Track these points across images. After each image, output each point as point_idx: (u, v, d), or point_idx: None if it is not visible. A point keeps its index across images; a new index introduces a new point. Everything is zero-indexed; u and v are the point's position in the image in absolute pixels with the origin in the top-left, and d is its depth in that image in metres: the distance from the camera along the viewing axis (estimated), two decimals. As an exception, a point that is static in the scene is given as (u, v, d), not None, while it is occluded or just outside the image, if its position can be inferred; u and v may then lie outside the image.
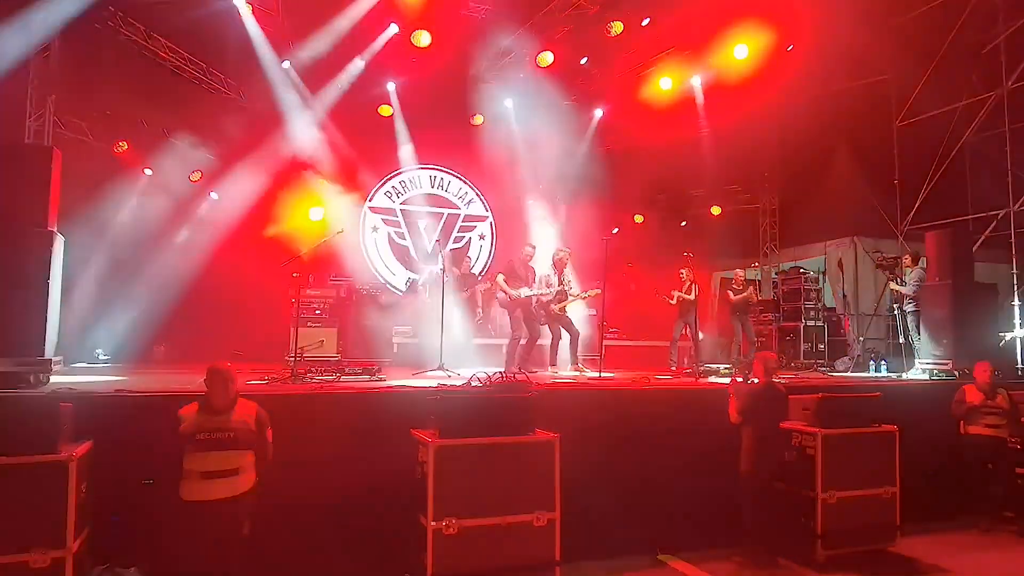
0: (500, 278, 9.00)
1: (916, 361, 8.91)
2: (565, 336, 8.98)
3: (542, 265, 9.30)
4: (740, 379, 5.95)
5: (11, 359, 5.03)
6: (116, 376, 7.22)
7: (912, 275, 9.53)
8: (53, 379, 5.44)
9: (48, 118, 9.14)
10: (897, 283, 10.00)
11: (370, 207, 13.76)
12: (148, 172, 11.25)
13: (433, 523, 4.48)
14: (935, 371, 8.39)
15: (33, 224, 5.35)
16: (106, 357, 9.63)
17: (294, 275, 8.41)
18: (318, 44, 10.56)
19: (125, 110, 10.58)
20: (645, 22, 10.55)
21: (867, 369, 10.25)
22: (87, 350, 9.56)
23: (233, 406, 4.26)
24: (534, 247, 9.35)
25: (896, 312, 10.03)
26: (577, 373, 8.64)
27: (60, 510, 3.85)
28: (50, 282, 5.30)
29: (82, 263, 10.05)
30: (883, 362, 10.26)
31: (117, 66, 10.13)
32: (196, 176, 11.83)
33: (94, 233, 10.31)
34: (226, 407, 4.23)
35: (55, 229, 5.53)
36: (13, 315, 5.10)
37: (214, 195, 11.98)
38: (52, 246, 5.40)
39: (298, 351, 8.13)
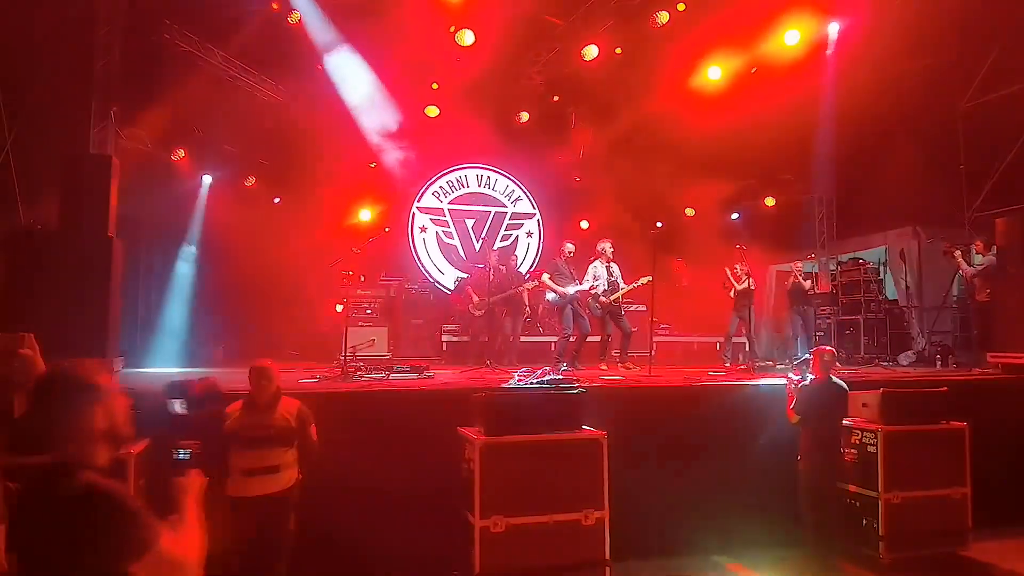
0: (546, 277, 9.00)
1: (987, 355, 8.45)
2: (616, 333, 8.90)
3: (583, 261, 9.27)
4: (798, 376, 5.74)
5: (76, 360, 5.23)
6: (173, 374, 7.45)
7: (982, 260, 9.06)
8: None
9: (110, 128, 9.50)
10: (965, 264, 9.51)
11: (418, 207, 13.87)
12: (207, 179, 11.60)
13: (480, 521, 4.47)
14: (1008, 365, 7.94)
15: (93, 230, 5.56)
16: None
17: (348, 273, 8.56)
18: (363, 44, 10.69)
19: (182, 119, 10.92)
20: (680, 7, 10.30)
21: (933, 363, 9.79)
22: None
23: (275, 404, 4.32)
24: (574, 245, 9.31)
25: (965, 299, 9.54)
26: (626, 370, 8.53)
27: (120, 505, 3.97)
28: (110, 286, 5.50)
29: (143, 268, 10.44)
30: (950, 356, 9.79)
31: (174, 76, 10.47)
32: (250, 181, 12.14)
33: (155, 239, 10.68)
34: (268, 404, 4.29)
35: (114, 235, 5.74)
36: (76, 318, 5.31)
37: (276, 199, 12.28)
38: (112, 251, 5.61)
39: (350, 350, 8.25)
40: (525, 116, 13.15)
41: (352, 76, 11.39)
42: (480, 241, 13.93)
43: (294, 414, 4.34)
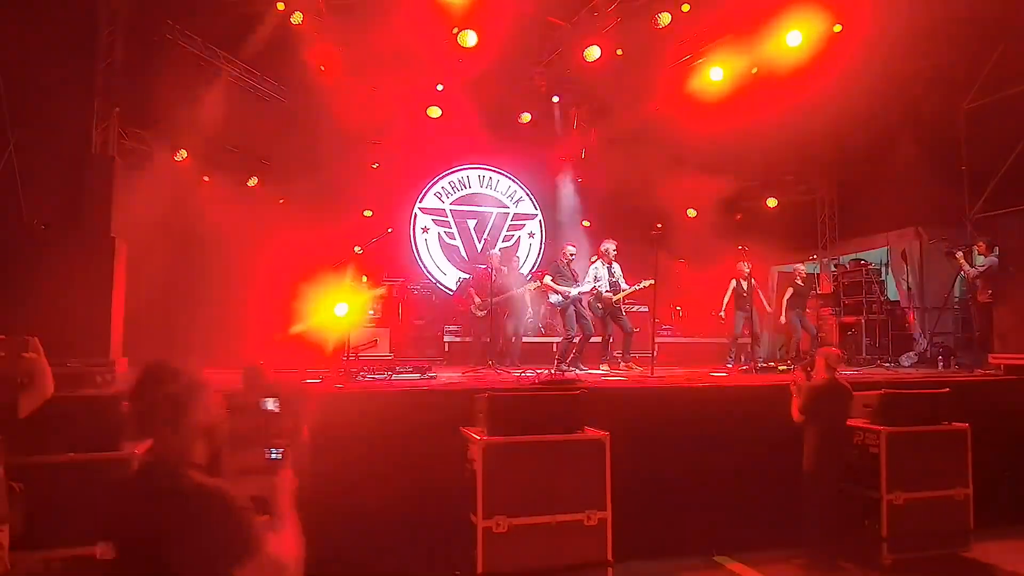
0: (548, 279, 9.00)
1: (989, 356, 8.45)
2: (617, 333, 8.92)
3: (584, 262, 9.28)
4: (802, 376, 5.75)
5: (78, 360, 5.25)
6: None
7: (984, 261, 9.06)
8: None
9: (113, 129, 9.51)
10: (967, 265, 9.50)
11: (420, 208, 13.89)
12: (206, 179, 11.60)
13: (483, 521, 4.48)
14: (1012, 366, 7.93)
15: (97, 231, 5.57)
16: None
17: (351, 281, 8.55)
18: (364, 45, 10.69)
19: (185, 119, 10.93)
20: (685, 7, 10.30)
21: (934, 364, 9.79)
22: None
23: None
24: (575, 247, 9.32)
25: (967, 300, 9.52)
26: (629, 371, 8.53)
27: (123, 505, 3.98)
28: (113, 286, 5.51)
29: (145, 268, 10.41)
30: (952, 357, 9.77)
31: (176, 77, 10.48)
32: (253, 182, 12.14)
33: (156, 239, 10.66)
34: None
35: (117, 235, 5.75)
36: (80, 318, 5.32)
37: (280, 200, 12.27)
38: (115, 252, 5.62)
39: (352, 351, 8.26)
40: (527, 117, 13.17)
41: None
42: (482, 242, 13.95)
43: None
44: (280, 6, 10.08)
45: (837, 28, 10.07)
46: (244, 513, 1.82)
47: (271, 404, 2.23)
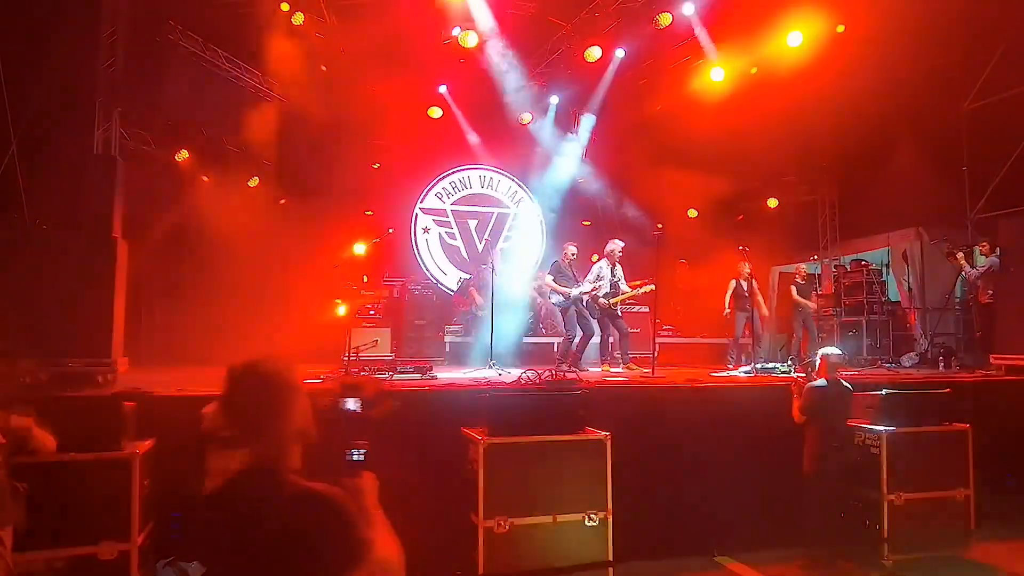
0: (549, 279, 9.00)
1: (990, 356, 8.44)
2: (614, 334, 8.92)
3: (586, 262, 9.29)
4: (803, 376, 5.75)
5: (80, 360, 5.26)
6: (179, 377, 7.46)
7: (985, 261, 9.05)
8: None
9: (115, 129, 9.52)
10: (968, 266, 9.49)
11: (421, 208, 13.90)
12: (206, 179, 11.62)
13: (484, 521, 4.48)
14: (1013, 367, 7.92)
15: (99, 231, 5.57)
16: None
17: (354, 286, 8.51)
18: (365, 45, 10.70)
19: (185, 119, 10.95)
20: (689, 10, 10.30)
21: (935, 365, 9.78)
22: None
23: None
24: (576, 248, 9.32)
25: (968, 300, 9.52)
26: (629, 371, 8.53)
27: (125, 505, 4.00)
28: (115, 286, 5.52)
29: (145, 268, 10.44)
30: (953, 358, 9.76)
31: (177, 77, 10.49)
32: (254, 182, 12.16)
33: (157, 239, 10.69)
34: None
35: (119, 236, 5.75)
36: (81, 318, 5.33)
37: (281, 201, 12.29)
38: (117, 252, 5.62)
39: (353, 351, 8.27)
40: (527, 117, 13.18)
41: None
42: (483, 242, 13.94)
43: None
44: (284, 7, 10.09)
45: (840, 28, 10.06)
46: (354, 517, 1.77)
47: (352, 404, 2.15)
